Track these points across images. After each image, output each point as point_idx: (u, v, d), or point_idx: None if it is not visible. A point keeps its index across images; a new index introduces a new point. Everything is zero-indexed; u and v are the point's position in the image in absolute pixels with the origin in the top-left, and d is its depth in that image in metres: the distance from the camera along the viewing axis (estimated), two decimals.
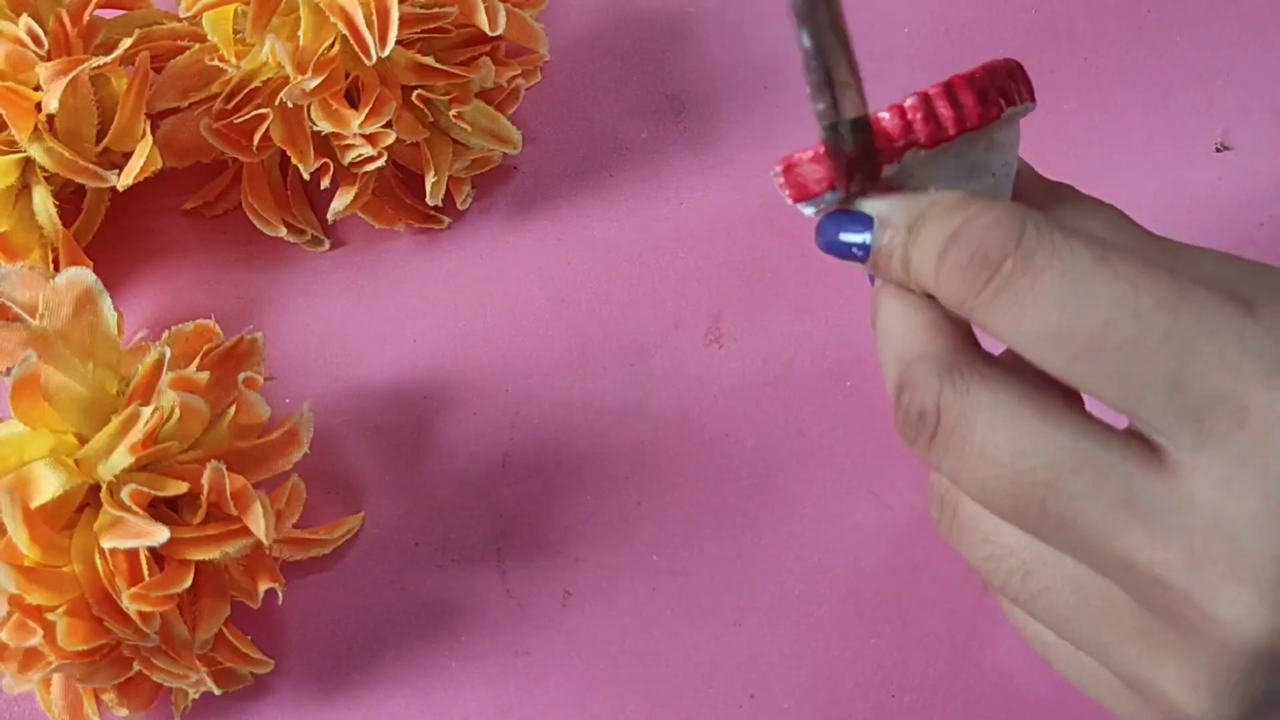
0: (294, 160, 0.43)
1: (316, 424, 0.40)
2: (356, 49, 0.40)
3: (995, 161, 0.29)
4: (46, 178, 0.42)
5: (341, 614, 0.40)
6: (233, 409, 0.38)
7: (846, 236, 0.29)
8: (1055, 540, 0.26)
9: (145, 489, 0.35)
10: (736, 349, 0.43)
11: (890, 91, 0.48)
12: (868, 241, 0.29)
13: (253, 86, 0.43)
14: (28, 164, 0.42)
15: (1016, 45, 0.49)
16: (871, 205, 0.29)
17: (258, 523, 0.35)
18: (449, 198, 0.46)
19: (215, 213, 0.47)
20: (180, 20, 0.44)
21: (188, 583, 0.35)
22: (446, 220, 0.46)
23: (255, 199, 0.45)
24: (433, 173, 0.44)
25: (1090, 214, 0.30)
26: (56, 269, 0.43)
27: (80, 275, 0.37)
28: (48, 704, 0.38)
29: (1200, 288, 0.25)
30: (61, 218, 0.43)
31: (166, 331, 0.40)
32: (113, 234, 0.46)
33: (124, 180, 0.41)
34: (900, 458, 0.41)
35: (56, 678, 0.38)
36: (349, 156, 0.43)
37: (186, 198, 0.47)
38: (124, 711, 0.37)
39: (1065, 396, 0.26)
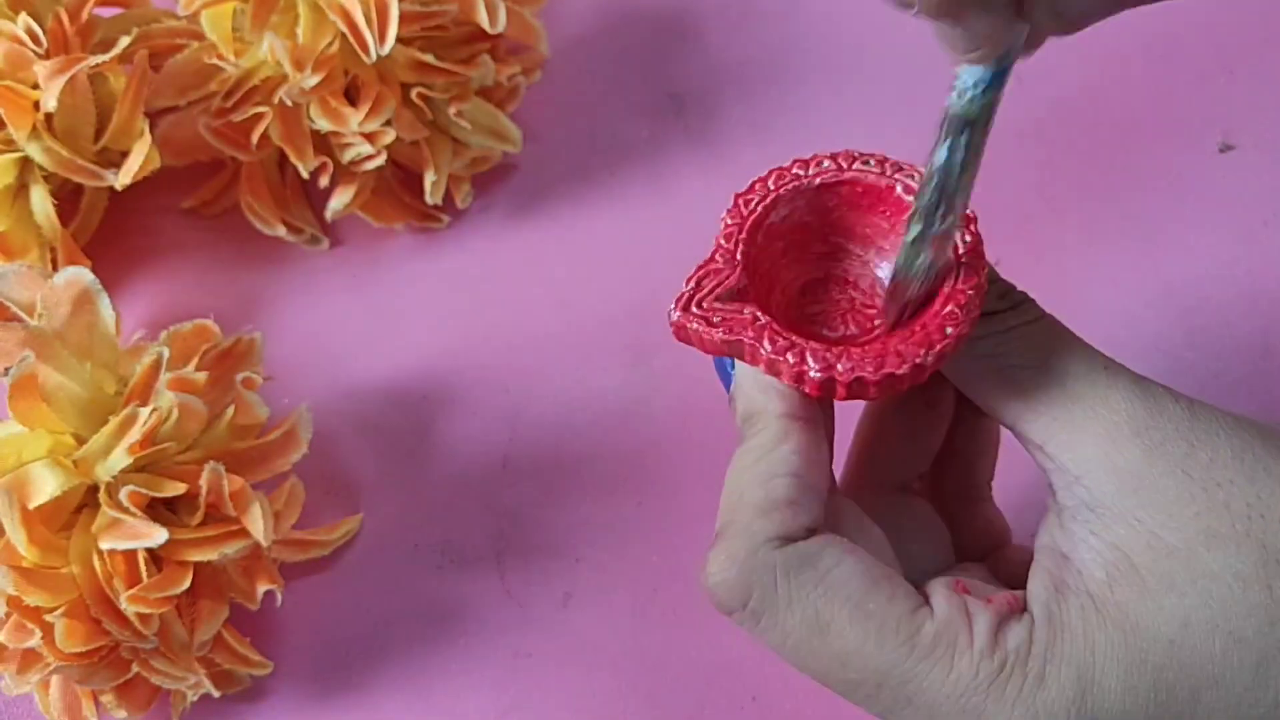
0: (293, 159, 0.42)
1: (315, 424, 0.40)
2: (356, 47, 0.40)
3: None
4: (45, 176, 0.42)
5: (340, 616, 0.40)
6: (231, 409, 0.38)
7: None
8: None
9: (143, 490, 0.35)
10: None
11: (893, 92, 0.48)
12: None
13: (251, 85, 0.42)
14: (26, 163, 0.41)
15: None
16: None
17: (256, 524, 0.35)
18: (448, 196, 0.45)
19: (214, 212, 0.47)
20: (179, 18, 0.44)
21: (186, 584, 0.35)
22: (446, 219, 0.46)
23: (254, 198, 0.45)
24: (432, 171, 0.44)
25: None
26: (55, 268, 0.42)
27: (78, 275, 0.37)
28: (46, 705, 0.37)
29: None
30: (60, 217, 0.42)
31: (164, 331, 0.40)
32: (111, 233, 0.46)
33: (122, 179, 0.41)
34: None
35: (55, 679, 0.37)
36: (348, 155, 0.42)
37: (185, 197, 0.46)
38: (122, 713, 0.37)
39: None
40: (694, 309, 0.28)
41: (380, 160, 0.42)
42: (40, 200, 0.42)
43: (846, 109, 0.48)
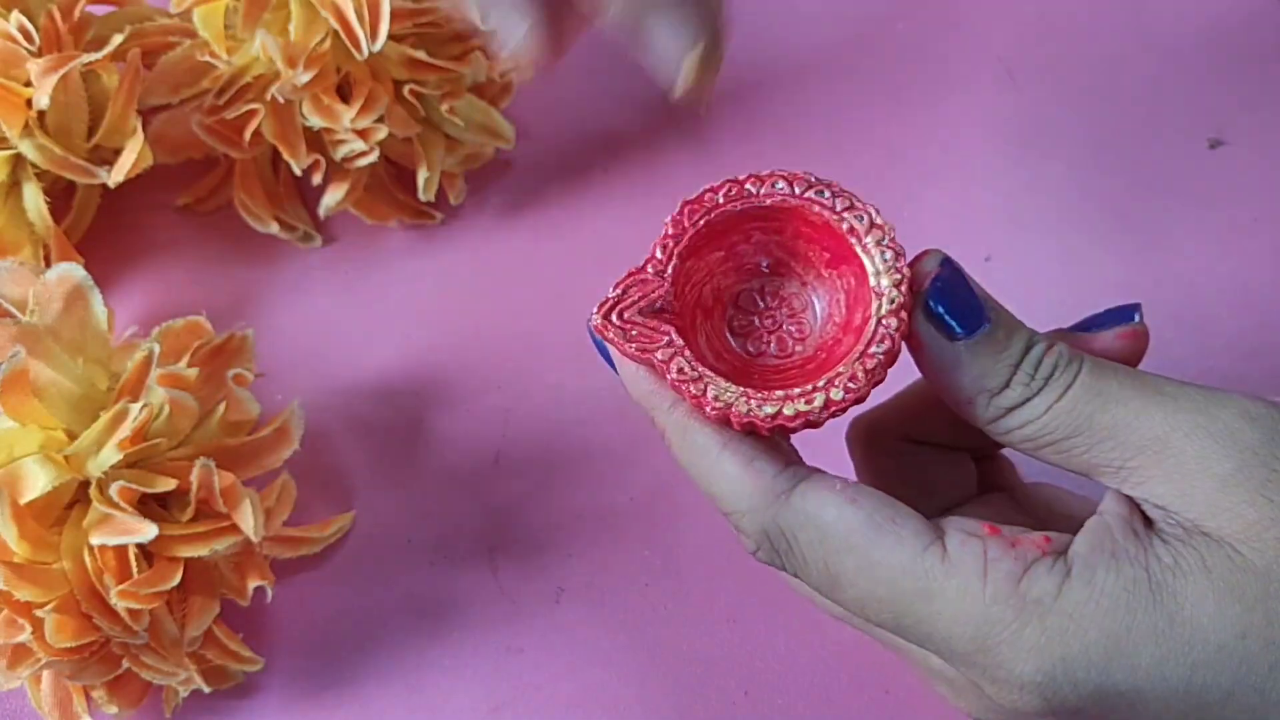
0: (286, 156, 0.42)
1: (307, 421, 0.40)
2: (348, 44, 0.40)
3: None
4: (37, 174, 0.42)
5: (332, 612, 0.40)
6: (222, 406, 0.38)
7: None
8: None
9: (134, 485, 0.35)
10: None
11: (882, 91, 0.48)
12: None
13: (244, 82, 0.42)
14: (18, 160, 0.42)
15: (1011, 41, 0.49)
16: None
17: (247, 520, 0.35)
18: (441, 193, 0.46)
19: (207, 209, 0.47)
20: (171, 16, 0.44)
21: (176, 580, 0.35)
22: (439, 216, 0.46)
23: (247, 195, 0.45)
24: (425, 168, 0.44)
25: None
26: (47, 265, 0.43)
27: (71, 271, 0.37)
28: (38, 700, 0.38)
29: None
30: (52, 214, 0.42)
31: (156, 328, 0.40)
32: (104, 230, 0.46)
33: (115, 177, 0.41)
34: None
35: (46, 674, 0.37)
36: (341, 152, 0.42)
37: (178, 194, 0.47)
38: (114, 709, 0.37)
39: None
40: (614, 318, 0.29)
41: (373, 157, 0.42)
42: (33, 197, 0.42)
43: (836, 108, 0.48)
